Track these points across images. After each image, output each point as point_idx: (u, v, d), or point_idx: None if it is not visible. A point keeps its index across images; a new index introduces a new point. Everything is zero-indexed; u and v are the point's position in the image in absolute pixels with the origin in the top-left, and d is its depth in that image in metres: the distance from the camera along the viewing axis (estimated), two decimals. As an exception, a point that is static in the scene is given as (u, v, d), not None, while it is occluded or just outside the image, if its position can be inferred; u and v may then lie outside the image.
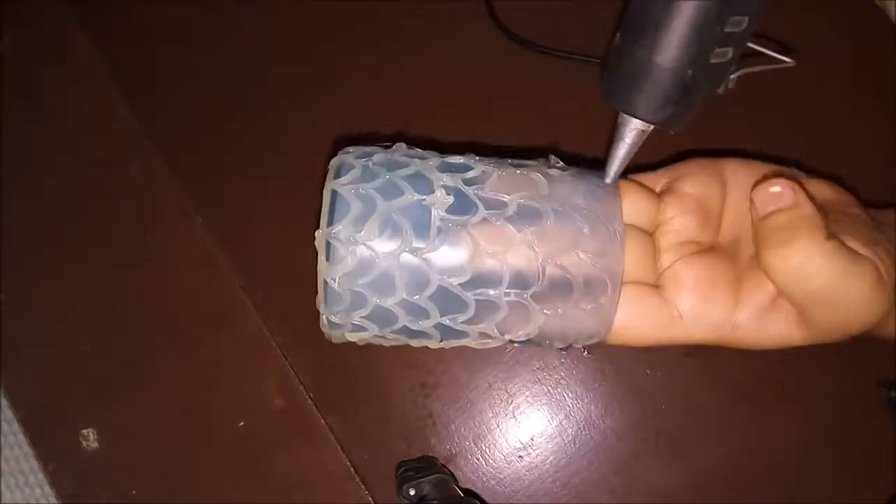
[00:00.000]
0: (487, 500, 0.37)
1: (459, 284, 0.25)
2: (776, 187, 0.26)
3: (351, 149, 0.28)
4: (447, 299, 0.25)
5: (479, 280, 0.25)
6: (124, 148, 0.45)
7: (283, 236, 0.42)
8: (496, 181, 0.26)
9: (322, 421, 0.39)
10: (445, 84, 0.43)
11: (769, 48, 0.27)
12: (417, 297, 0.25)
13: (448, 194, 0.25)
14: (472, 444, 0.38)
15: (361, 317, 0.26)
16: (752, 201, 0.26)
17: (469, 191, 0.25)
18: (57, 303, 0.43)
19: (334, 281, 0.25)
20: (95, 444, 0.41)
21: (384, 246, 0.25)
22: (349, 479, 0.39)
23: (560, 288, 0.25)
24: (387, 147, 0.28)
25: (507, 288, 0.25)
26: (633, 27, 0.25)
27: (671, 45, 0.24)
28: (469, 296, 0.25)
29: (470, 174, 0.26)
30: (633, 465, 0.37)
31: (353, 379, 0.40)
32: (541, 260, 0.25)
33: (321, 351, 0.40)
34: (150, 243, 0.43)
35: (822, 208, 0.25)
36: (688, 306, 0.27)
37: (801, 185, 0.26)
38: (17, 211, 0.45)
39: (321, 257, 0.25)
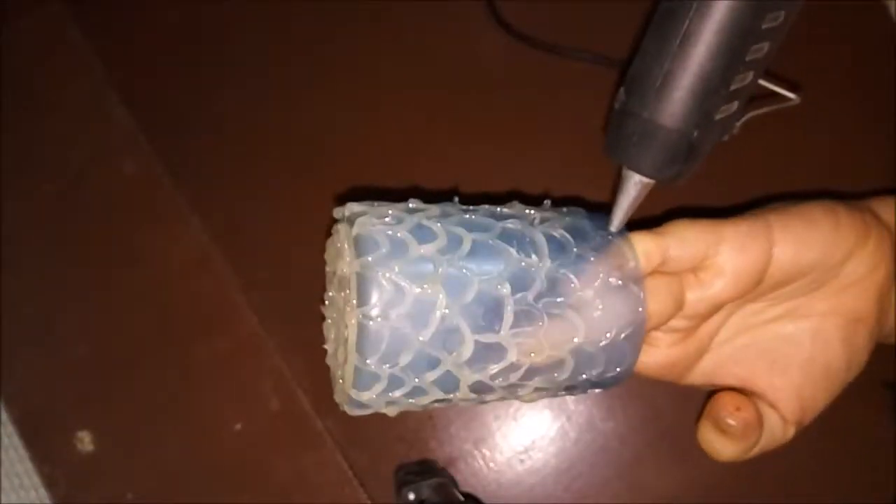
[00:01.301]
0: (487, 503, 0.37)
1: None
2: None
3: (374, 220, 0.26)
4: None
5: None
6: (120, 147, 0.45)
7: (281, 237, 0.42)
8: None
9: (320, 423, 0.39)
10: (445, 83, 0.43)
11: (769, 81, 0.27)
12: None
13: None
14: (472, 447, 0.38)
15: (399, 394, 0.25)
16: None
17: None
18: (52, 304, 0.43)
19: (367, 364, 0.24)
20: (91, 447, 0.40)
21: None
22: (347, 483, 0.38)
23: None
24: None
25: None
26: (638, 87, 0.26)
27: (678, 108, 0.25)
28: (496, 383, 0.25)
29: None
30: (636, 468, 0.37)
31: (352, 381, 0.39)
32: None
33: (318, 353, 0.40)
34: (146, 244, 0.43)
35: None
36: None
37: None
38: (12, 210, 0.45)
39: (353, 339, 0.24)
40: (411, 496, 0.34)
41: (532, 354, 0.25)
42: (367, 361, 0.24)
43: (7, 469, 0.47)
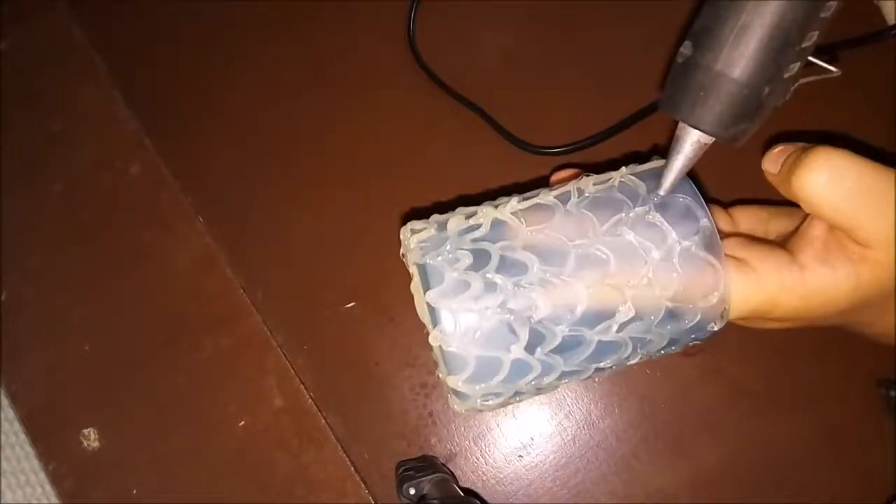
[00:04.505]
0: (487, 499, 0.38)
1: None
2: (778, 147, 0.28)
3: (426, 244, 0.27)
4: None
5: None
6: (124, 148, 0.45)
7: (283, 236, 0.42)
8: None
9: (322, 420, 0.39)
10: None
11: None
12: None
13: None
14: (471, 443, 0.38)
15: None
16: (764, 171, 0.28)
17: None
18: (57, 303, 0.43)
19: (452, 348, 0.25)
20: (96, 444, 0.41)
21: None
22: (349, 479, 0.39)
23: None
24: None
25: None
26: (709, 39, 0.24)
27: (753, 61, 0.24)
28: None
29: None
30: (633, 464, 0.37)
31: (354, 378, 0.40)
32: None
33: (321, 350, 0.41)
34: (151, 243, 0.43)
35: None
36: (750, 256, 0.28)
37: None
38: (17, 211, 0.45)
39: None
40: (412, 491, 0.35)
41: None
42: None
43: (13, 466, 0.47)
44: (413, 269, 0.26)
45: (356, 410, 0.39)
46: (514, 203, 0.27)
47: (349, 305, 0.40)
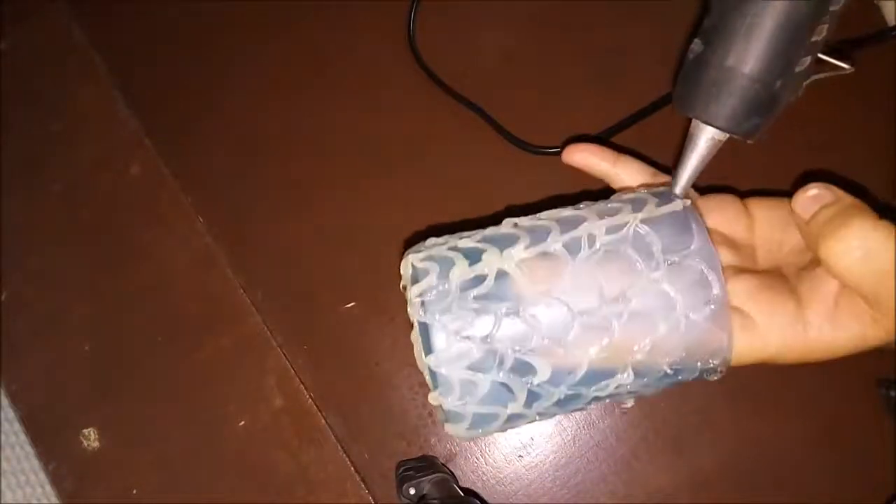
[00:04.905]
0: (487, 499, 0.38)
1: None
2: (813, 190, 0.26)
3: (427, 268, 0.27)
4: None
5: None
6: (124, 148, 0.45)
7: (283, 236, 0.42)
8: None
9: (322, 420, 0.39)
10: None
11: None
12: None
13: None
14: (471, 443, 0.38)
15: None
16: (794, 211, 0.26)
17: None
18: (57, 303, 0.43)
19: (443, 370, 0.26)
20: (96, 444, 0.41)
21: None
22: (349, 479, 0.39)
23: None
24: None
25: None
26: (720, 34, 0.24)
27: (764, 55, 0.24)
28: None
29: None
30: (633, 464, 0.37)
31: (354, 378, 0.40)
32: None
33: (321, 350, 0.41)
34: (150, 243, 0.43)
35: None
36: (755, 310, 0.27)
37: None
38: (18, 211, 0.45)
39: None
40: (412, 492, 0.35)
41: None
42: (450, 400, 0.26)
43: (13, 466, 0.47)
44: (414, 321, 0.26)
45: (356, 410, 0.39)
46: (520, 250, 0.26)
47: (349, 305, 0.40)
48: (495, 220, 0.29)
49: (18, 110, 0.47)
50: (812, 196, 0.26)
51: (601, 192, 0.37)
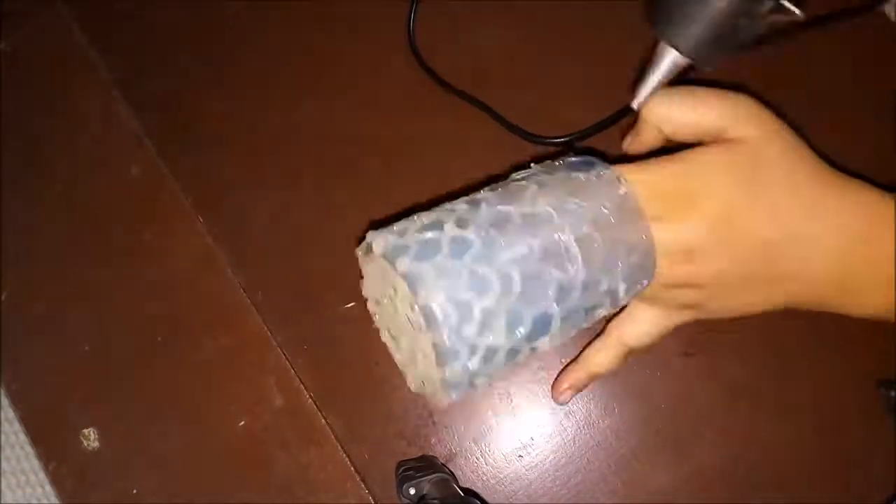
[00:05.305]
0: (487, 499, 0.38)
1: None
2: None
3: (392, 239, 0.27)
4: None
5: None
6: (124, 148, 0.45)
7: (283, 236, 0.42)
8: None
9: (322, 420, 0.39)
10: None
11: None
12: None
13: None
14: (471, 443, 0.38)
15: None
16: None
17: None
18: (57, 302, 0.43)
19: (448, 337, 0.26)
20: (96, 444, 0.41)
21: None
22: (349, 479, 0.39)
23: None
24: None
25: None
26: None
27: None
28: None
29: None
30: (633, 464, 0.37)
31: (354, 378, 0.40)
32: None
33: (321, 350, 0.41)
34: (150, 243, 0.43)
35: None
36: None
37: None
38: (17, 210, 0.45)
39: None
40: (412, 491, 0.35)
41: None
42: (447, 369, 0.26)
43: (13, 466, 0.47)
44: (382, 267, 0.27)
45: (356, 410, 0.39)
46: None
47: (349, 305, 0.40)
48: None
49: (18, 110, 0.47)
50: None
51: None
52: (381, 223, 0.31)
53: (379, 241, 0.27)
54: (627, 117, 0.41)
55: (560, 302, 0.27)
